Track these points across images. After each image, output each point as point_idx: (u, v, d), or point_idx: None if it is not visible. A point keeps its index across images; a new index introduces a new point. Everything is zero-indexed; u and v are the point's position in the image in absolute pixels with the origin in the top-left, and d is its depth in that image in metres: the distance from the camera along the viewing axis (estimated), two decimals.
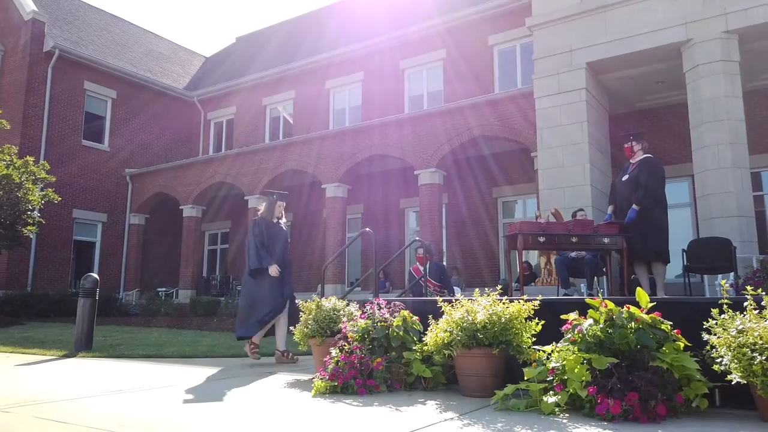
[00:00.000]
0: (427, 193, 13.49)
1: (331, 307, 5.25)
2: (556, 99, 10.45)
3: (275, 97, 19.40)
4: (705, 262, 7.23)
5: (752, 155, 9.48)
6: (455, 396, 4.12)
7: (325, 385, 4.20)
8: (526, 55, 14.02)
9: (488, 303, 4.13)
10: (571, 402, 3.44)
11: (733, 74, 9.09)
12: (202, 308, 14.71)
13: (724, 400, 3.53)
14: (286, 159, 15.96)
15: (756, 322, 3.18)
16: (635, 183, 6.47)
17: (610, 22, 10.08)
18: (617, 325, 3.55)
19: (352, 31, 18.50)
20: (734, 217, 8.56)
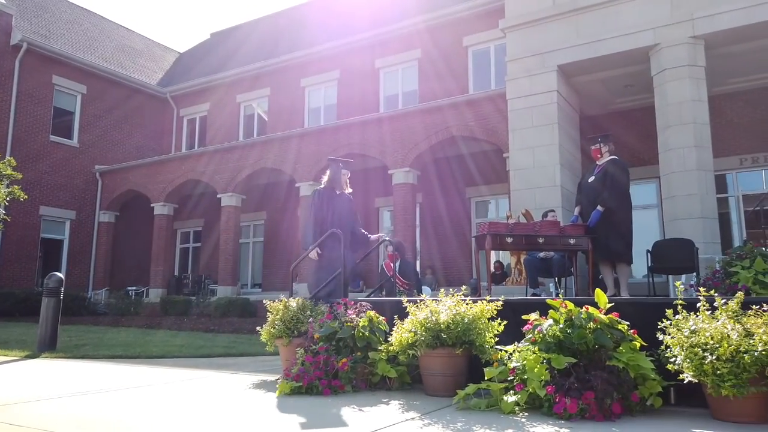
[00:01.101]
0: (401, 192, 13.54)
1: (298, 308, 5.23)
2: (528, 101, 10.56)
3: (250, 94, 19.25)
4: (668, 263, 7.39)
5: (716, 158, 9.72)
6: (419, 395, 4.15)
7: (290, 385, 4.19)
8: (500, 57, 14.15)
9: (452, 303, 4.17)
10: (531, 401, 3.49)
11: (698, 79, 9.30)
12: (173, 308, 14.54)
13: (678, 398, 3.62)
14: (260, 157, 15.84)
15: (708, 323, 3.27)
16: (601, 184, 6.59)
17: (581, 25, 10.22)
18: (576, 325, 3.61)
19: (328, 30, 18.45)
20: (698, 219, 8.76)
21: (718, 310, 3.36)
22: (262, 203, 17.79)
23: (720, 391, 3.08)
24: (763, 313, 3.25)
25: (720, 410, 3.22)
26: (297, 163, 15.10)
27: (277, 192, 17.26)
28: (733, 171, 11.56)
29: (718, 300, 3.40)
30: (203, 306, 14.38)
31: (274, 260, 17.45)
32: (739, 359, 3.03)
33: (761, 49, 9.67)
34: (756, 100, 11.36)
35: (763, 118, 11.26)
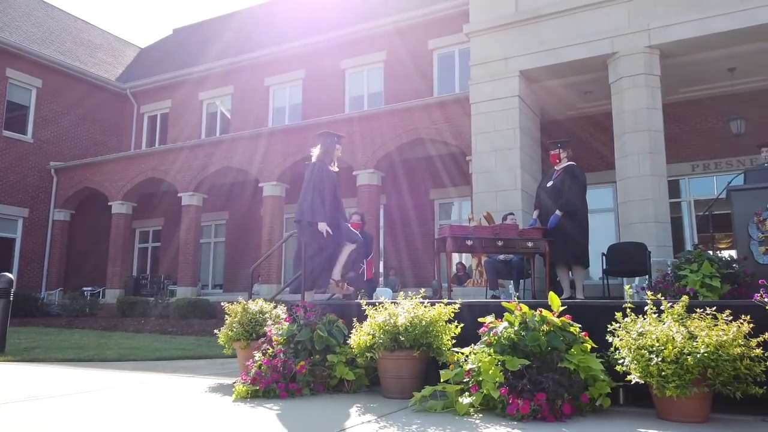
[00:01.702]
0: (365, 193, 13.55)
1: (257, 310, 5.19)
2: (491, 105, 10.70)
3: (213, 92, 18.97)
4: (622, 266, 7.61)
5: (670, 164, 10.03)
6: (377, 398, 4.16)
7: (247, 389, 4.15)
8: (465, 61, 14.30)
9: (410, 306, 4.20)
10: (486, 403, 3.54)
11: (653, 87, 9.59)
12: (130, 309, 14.21)
13: (626, 398, 3.73)
14: (224, 156, 15.63)
15: (655, 326, 3.39)
16: (559, 189, 6.74)
17: (542, 32, 10.42)
18: (530, 328, 3.68)
19: (294, 28, 18.32)
20: (652, 223, 9.03)
21: (665, 313, 3.48)
22: (225, 203, 17.55)
23: (665, 391, 3.18)
24: (706, 317, 3.38)
25: (665, 410, 3.34)
26: (261, 163, 14.96)
27: (240, 192, 17.05)
28: (686, 177, 11.96)
29: (665, 303, 3.52)
30: (162, 307, 14.09)
31: (236, 261, 17.23)
32: (682, 361, 3.15)
33: (713, 59, 10.03)
34: (707, 109, 11.78)
35: (714, 126, 11.69)
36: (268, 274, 14.73)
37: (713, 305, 3.51)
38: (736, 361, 3.14)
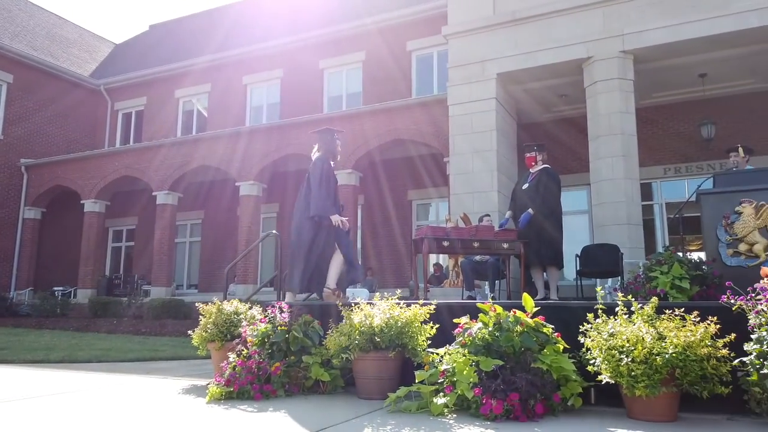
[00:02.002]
0: (343, 193, 13.48)
1: (232, 311, 5.15)
2: (468, 107, 10.78)
3: (189, 89, 18.73)
4: (595, 267, 7.73)
5: (642, 167, 10.21)
6: (352, 399, 4.17)
7: (221, 390, 4.12)
8: (443, 63, 14.37)
9: (386, 307, 4.21)
10: (460, 403, 3.57)
11: (627, 92, 9.75)
12: (102, 309, 13.97)
13: (597, 398, 3.79)
14: (200, 154, 15.45)
15: (625, 327, 3.45)
16: (534, 191, 6.81)
17: (520, 35, 10.52)
18: (504, 328, 3.72)
19: (273, 27, 18.21)
20: (624, 225, 9.19)
21: (635, 314, 3.55)
22: (201, 202, 17.35)
23: (634, 391, 3.25)
24: (675, 318, 3.45)
25: (634, 409, 3.40)
26: (238, 162, 14.83)
27: (217, 191, 16.87)
28: (658, 180, 12.19)
29: (635, 305, 3.58)
30: (136, 308, 13.88)
31: (212, 261, 17.05)
32: (651, 361, 3.21)
33: (684, 65, 10.24)
34: (679, 114, 12.02)
35: (686, 130, 11.93)
36: (245, 275, 14.61)
37: (682, 306, 3.59)
38: (703, 361, 3.22)
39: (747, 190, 5.43)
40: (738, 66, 10.32)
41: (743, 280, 3.84)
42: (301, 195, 5.47)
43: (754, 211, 5.31)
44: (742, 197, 5.38)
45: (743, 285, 3.55)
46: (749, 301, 3.35)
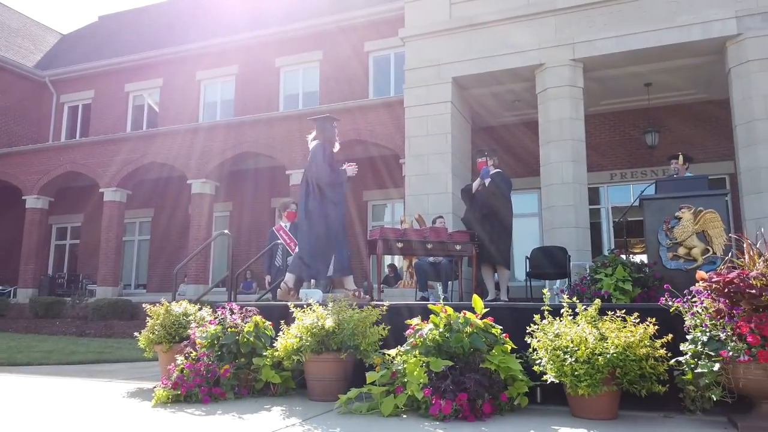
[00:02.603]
0: (294, 195, 13.41)
1: (181, 312, 5.05)
2: (425, 109, 10.88)
3: (140, 83, 18.20)
4: (544, 269, 7.93)
5: (590, 173, 10.53)
6: (303, 401, 4.15)
7: (167, 393, 4.02)
8: (400, 65, 14.44)
9: (339, 308, 4.21)
10: (410, 404, 3.61)
11: (577, 98, 10.05)
12: (44, 310, 13.42)
13: (543, 397, 3.89)
14: (150, 151, 15.05)
15: (570, 327, 3.56)
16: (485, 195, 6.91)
17: (475, 40, 10.68)
18: (454, 329, 3.78)
19: (228, 22, 17.88)
20: (573, 228, 9.46)
21: (580, 315, 3.67)
22: (151, 199, 16.89)
23: (578, 390, 3.35)
24: (616, 319, 3.58)
25: (577, 408, 3.51)
26: (191, 159, 14.52)
27: (167, 188, 16.44)
28: (605, 185, 12.61)
29: (579, 306, 3.70)
30: (80, 308, 13.39)
31: (161, 260, 16.61)
32: (594, 361, 3.32)
33: (631, 74, 10.62)
34: (626, 121, 12.46)
35: (632, 137, 12.38)
36: (196, 274, 14.31)
37: (623, 308, 3.73)
38: (642, 360, 3.35)
39: (686, 197, 5.69)
40: (681, 77, 10.78)
41: (682, 283, 4.03)
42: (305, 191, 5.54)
43: (693, 216, 5.56)
44: (681, 203, 5.63)
45: (682, 287, 3.72)
46: (686, 303, 3.50)
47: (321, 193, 5.49)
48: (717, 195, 5.75)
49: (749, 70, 8.96)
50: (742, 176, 9.05)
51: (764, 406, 3.13)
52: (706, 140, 11.82)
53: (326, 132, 5.78)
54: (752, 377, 3.02)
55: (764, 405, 3.12)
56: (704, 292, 3.38)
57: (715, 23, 9.19)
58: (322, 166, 5.44)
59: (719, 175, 11.53)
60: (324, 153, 5.51)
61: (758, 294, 3.11)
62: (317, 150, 5.59)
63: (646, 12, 9.63)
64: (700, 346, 3.20)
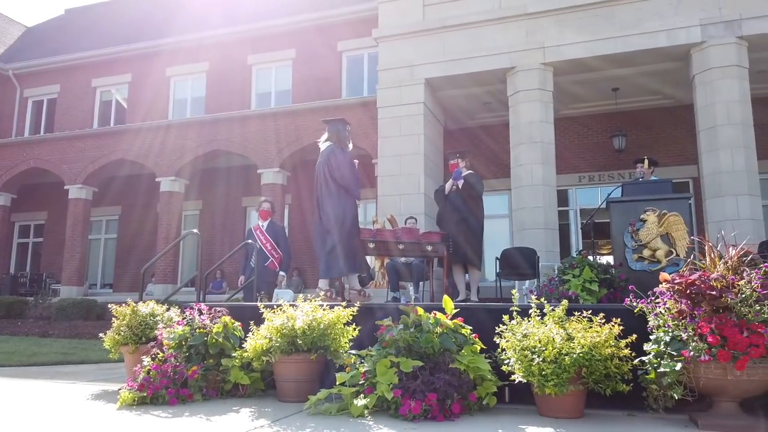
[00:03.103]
0: (270, 192, 13.33)
1: (148, 312, 4.96)
2: (397, 110, 10.91)
3: (108, 79, 17.80)
4: (513, 269, 8.04)
5: (559, 175, 10.71)
6: (272, 402, 4.12)
7: (133, 396, 3.95)
8: (373, 65, 14.45)
9: (309, 309, 4.19)
10: (380, 404, 3.62)
11: (547, 102, 10.20)
12: (5, 309, 13.03)
13: (511, 397, 3.94)
14: (118, 147, 14.76)
15: (537, 328, 3.61)
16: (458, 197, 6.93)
17: (448, 42, 10.76)
18: (425, 330, 3.80)
19: (201, 18, 17.62)
20: (542, 229, 9.60)
21: (547, 315, 3.73)
22: (118, 197, 16.53)
23: (545, 389, 3.41)
24: (582, 319, 3.65)
25: (544, 407, 3.57)
26: (159, 157, 14.29)
27: (135, 186, 16.11)
28: (573, 187, 12.83)
29: (547, 307, 3.76)
30: (43, 308, 13.05)
31: (128, 259, 16.27)
32: (561, 361, 3.38)
33: (598, 79, 10.83)
34: (594, 125, 12.70)
35: (599, 141, 12.62)
36: (164, 274, 14.08)
37: (590, 308, 3.80)
38: (607, 360, 3.42)
39: (651, 200, 5.82)
40: (648, 82, 11.03)
41: (646, 284, 4.11)
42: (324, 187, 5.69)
43: (657, 219, 5.70)
44: (646, 206, 5.76)
45: (646, 289, 3.80)
46: (649, 304, 3.59)
47: (340, 192, 5.64)
48: (680, 198, 5.90)
49: (712, 77, 9.22)
50: (705, 180, 9.31)
51: (723, 404, 3.22)
52: (671, 144, 12.12)
53: (340, 134, 5.92)
54: (712, 376, 3.12)
55: (723, 403, 3.22)
56: (667, 293, 3.47)
57: (680, 31, 9.44)
58: (346, 167, 5.59)
59: (683, 178, 11.84)
60: (345, 155, 5.67)
61: (718, 295, 3.21)
62: (336, 152, 5.72)
63: (614, 18, 9.83)
64: (663, 346, 3.28)
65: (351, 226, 5.64)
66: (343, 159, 5.64)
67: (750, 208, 8.74)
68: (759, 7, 9.10)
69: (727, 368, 3.07)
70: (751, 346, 3.03)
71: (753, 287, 3.23)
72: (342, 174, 5.60)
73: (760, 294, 3.22)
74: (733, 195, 8.81)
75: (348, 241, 5.55)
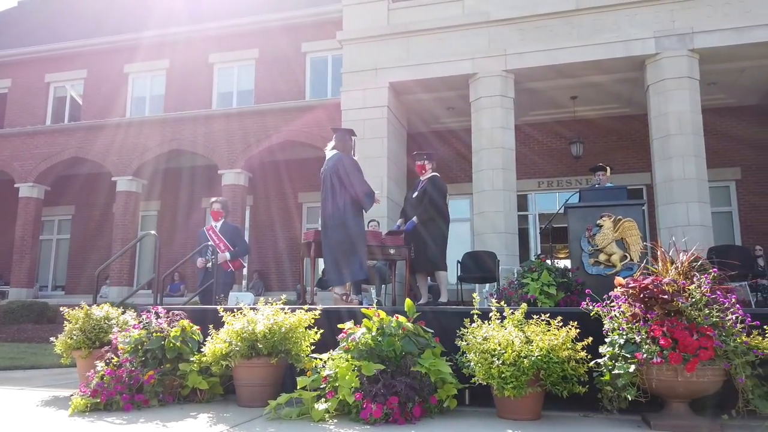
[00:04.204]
0: (230, 193, 13.14)
1: (102, 316, 4.82)
2: (361, 113, 10.91)
3: (62, 74, 17.21)
4: (474, 273, 8.14)
5: (519, 180, 10.90)
6: (231, 407, 4.05)
7: (86, 402, 3.83)
8: (337, 67, 14.42)
9: (270, 313, 4.15)
10: (341, 408, 3.60)
11: (508, 108, 10.37)
12: None
13: (472, 399, 3.99)
14: (71, 144, 14.31)
15: (497, 331, 3.66)
16: (422, 199, 6.99)
17: (412, 47, 10.83)
18: (387, 333, 3.81)
19: (161, 15, 17.22)
20: (502, 233, 9.75)
21: (507, 319, 3.78)
22: (72, 196, 16.01)
23: (504, 392, 3.46)
24: (541, 322, 3.72)
25: (503, 409, 3.62)
26: (116, 155, 13.91)
27: (90, 185, 15.65)
28: (533, 192, 13.09)
29: (507, 310, 3.82)
30: None
31: (82, 260, 15.77)
32: (519, 363, 3.44)
33: (558, 87, 11.08)
34: (553, 132, 12.97)
35: (558, 147, 12.91)
36: (120, 276, 13.70)
37: (548, 312, 3.88)
38: (564, 363, 3.49)
39: (607, 206, 6.00)
40: (605, 91, 11.36)
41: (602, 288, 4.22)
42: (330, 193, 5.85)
43: (613, 224, 5.87)
44: (602, 212, 5.93)
45: (602, 292, 3.91)
46: (605, 307, 3.69)
47: (345, 200, 5.76)
48: (635, 205, 6.10)
49: (666, 87, 9.56)
50: (658, 187, 9.63)
51: (674, 405, 3.34)
52: (626, 152, 12.50)
53: (345, 143, 6.07)
54: (664, 378, 3.22)
55: (674, 403, 3.34)
56: (622, 297, 3.57)
57: (635, 42, 9.75)
58: (356, 176, 5.73)
59: (637, 185, 12.21)
60: (353, 164, 5.83)
61: (670, 299, 3.32)
62: (345, 161, 5.85)
63: (573, 28, 10.08)
64: (617, 349, 3.38)
65: (355, 233, 5.74)
66: (352, 167, 5.80)
67: (700, 214, 9.09)
68: (710, 21, 9.49)
69: (677, 370, 3.17)
70: (700, 348, 3.15)
71: (702, 292, 3.36)
72: (353, 183, 5.74)
73: (709, 298, 3.36)
74: (684, 202, 9.15)
75: (351, 247, 5.67)
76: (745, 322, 3.33)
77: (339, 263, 5.70)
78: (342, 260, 5.67)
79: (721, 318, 3.30)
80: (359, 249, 5.70)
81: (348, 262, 5.66)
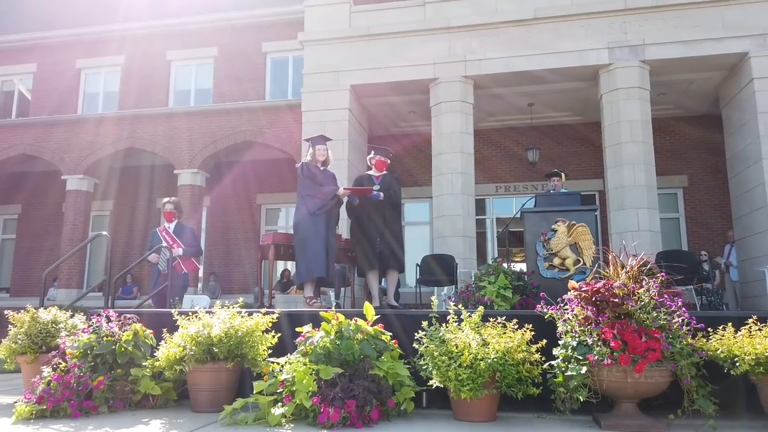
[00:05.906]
0: (188, 193, 12.88)
1: (50, 319, 4.65)
2: (322, 115, 10.86)
3: (10, 68, 16.51)
4: (433, 276, 8.21)
5: (478, 184, 11.06)
6: (185, 413, 3.97)
7: (31, 409, 3.68)
8: (298, 68, 14.32)
9: (227, 316, 4.08)
10: (298, 413, 3.57)
11: (467, 114, 10.50)
12: None
13: (429, 402, 4.02)
14: (18, 141, 13.74)
15: (455, 334, 3.71)
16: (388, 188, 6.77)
17: (373, 50, 10.86)
18: (345, 336, 3.80)
19: (116, 9, 16.74)
20: (461, 237, 9.87)
21: (464, 322, 3.83)
22: (18, 195, 15.39)
23: (460, 394, 3.50)
24: (497, 325, 3.78)
25: (460, 411, 3.66)
26: (66, 153, 13.44)
27: (38, 183, 15.08)
28: (491, 197, 13.29)
29: (464, 313, 3.87)
30: None
31: (28, 261, 15.17)
32: (476, 366, 3.48)
33: (516, 94, 11.29)
34: (511, 137, 13.21)
35: (515, 153, 13.15)
36: (69, 278, 13.23)
37: (504, 314, 3.94)
38: (519, 365, 3.56)
39: (561, 211, 6.15)
40: (560, 99, 11.65)
41: (556, 291, 4.33)
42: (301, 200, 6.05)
43: (567, 229, 6.01)
44: (557, 217, 6.08)
45: (556, 295, 4.00)
46: (558, 310, 3.78)
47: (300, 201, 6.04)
48: (588, 210, 6.26)
49: (618, 97, 9.87)
50: (610, 194, 9.93)
51: (624, 405, 3.44)
52: (580, 159, 12.84)
53: (309, 150, 6.27)
54: (614, 379, 3.32)
55: (624, 404, 3.44)
56: (575, 300, 3.66)
57: (590, 52, 10.04)
58: (302, 183, 6.01)
59: (590, 191, 12.56)
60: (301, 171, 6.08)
61: (620, 303, 3.43)
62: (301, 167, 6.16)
63: (530, 37, 10.30)
64: (570, 351, 3.46)
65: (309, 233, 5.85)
66: (300, 175, 6.10)
67: (649, 220, 9.42)
68: (660, 34, 9.85)
69: (627, 371, 3.28)
70: (648, 350, 3.26)
71: (651, 295, 3.48)
72: (299, 189, 6.07)
73: (657, 301, 3.48)
74: (635, 208, 9.46)
75: (303, 247, 5.83)
76: (690, 325, 3.47)
77: (296, 264, 6.01)
78: (298, 261, 5.95)
79: (669, 321, 3.43)
80: (308, 251, 5.82)
81: (297, 264, 5.96)
